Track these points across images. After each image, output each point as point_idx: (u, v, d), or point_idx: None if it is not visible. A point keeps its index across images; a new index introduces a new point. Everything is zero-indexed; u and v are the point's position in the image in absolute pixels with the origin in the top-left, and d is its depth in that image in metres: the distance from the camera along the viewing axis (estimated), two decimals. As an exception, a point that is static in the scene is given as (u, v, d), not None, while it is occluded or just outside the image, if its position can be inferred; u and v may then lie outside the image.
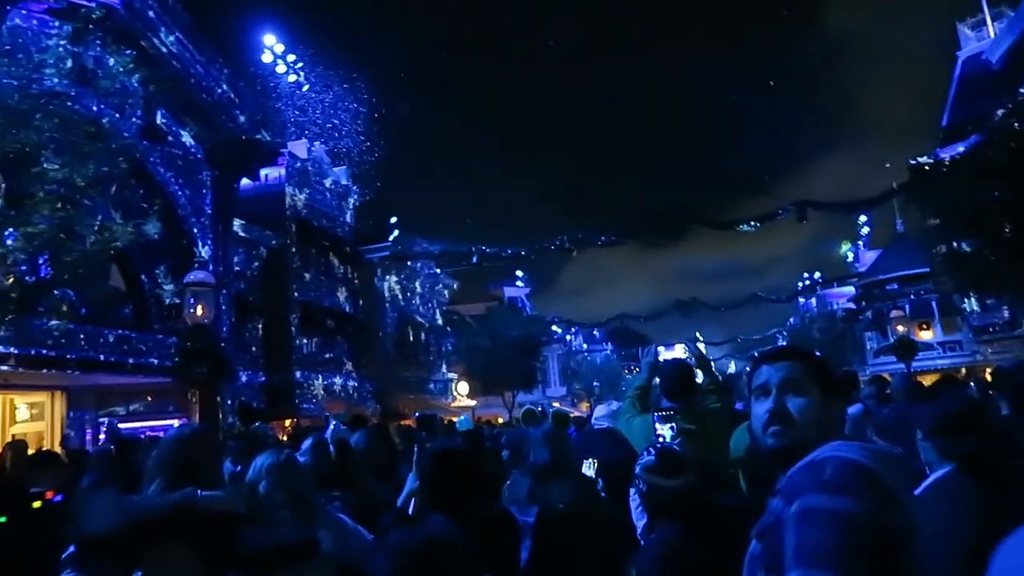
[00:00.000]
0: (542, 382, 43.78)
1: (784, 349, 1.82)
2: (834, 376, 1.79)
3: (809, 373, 1.72)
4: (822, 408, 1.69)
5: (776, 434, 1.68)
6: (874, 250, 43.74)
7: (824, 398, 1.70)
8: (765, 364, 1.77)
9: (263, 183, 23.90)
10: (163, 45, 16.11)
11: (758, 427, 1.73)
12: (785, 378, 1.71)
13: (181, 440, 3.15)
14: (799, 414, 1.67)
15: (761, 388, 1.75)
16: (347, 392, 27.17)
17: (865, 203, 27.50)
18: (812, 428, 1.66)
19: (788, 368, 1.73)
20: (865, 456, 1.53)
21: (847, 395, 2.10)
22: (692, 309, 41.43)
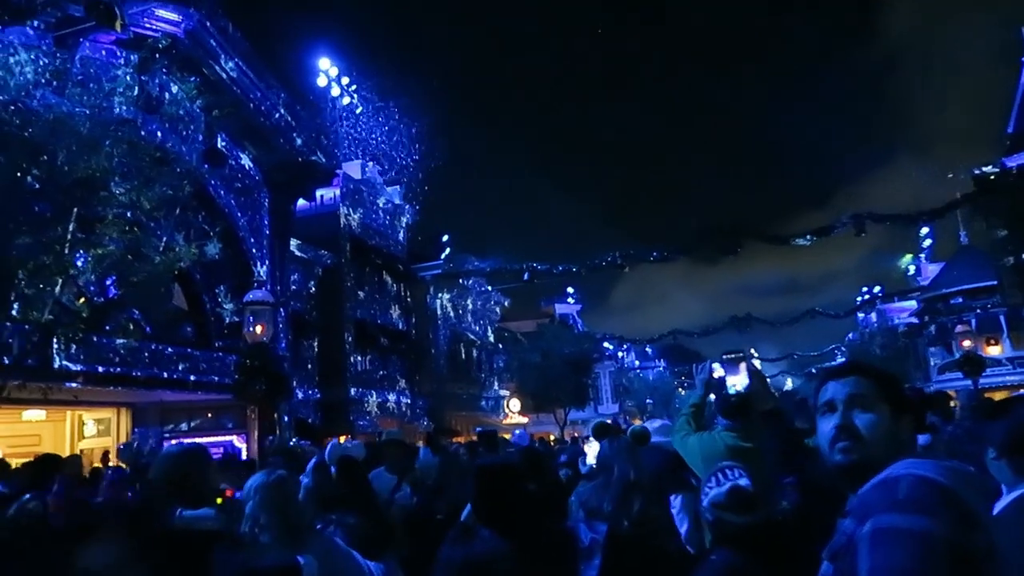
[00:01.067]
0: (594, 399, 43.44)
1: (851, 364, 1.78)
2: (903, 391, 1.75)
3: (877, 389, 1.68)
4: (892, 425, 1.65)
5: (844, 450, 1.64)
6: (937, 263, 42.43)
7: (894, 415, 1.66)
8: (831, 380, 1.74)
9: (318, 203, 24.41)
10: (223, 72, 16.65)
11: (824, 443, 1.70)
12: (852, 393, 1.68)
13: (170, 458, 3.20)
14: (867, 430, 1.63)
15: (827, 404, 1.72)
16: (400, 409, 27.41)
17: (927, 214, 26.68)
18: (882, 445, 1.61)
19: (855, 383, 1.69)
20: (941, 474, 1.48)
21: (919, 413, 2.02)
22: (747, 325, 40.62)
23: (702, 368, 4.77)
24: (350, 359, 24.85)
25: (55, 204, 8.85)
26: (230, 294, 17.51)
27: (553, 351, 32.61)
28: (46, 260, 8.68)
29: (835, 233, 24.87)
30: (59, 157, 8.58)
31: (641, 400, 49.74)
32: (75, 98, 9.17)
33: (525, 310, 43.98)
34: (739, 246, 25.12)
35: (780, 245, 26.70)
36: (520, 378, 34.76)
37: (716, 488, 2.74)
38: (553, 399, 32.96)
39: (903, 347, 41.43)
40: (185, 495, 3.00)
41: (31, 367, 9.76)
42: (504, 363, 36.79)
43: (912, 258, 47.65)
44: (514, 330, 39.88)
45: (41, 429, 16.48)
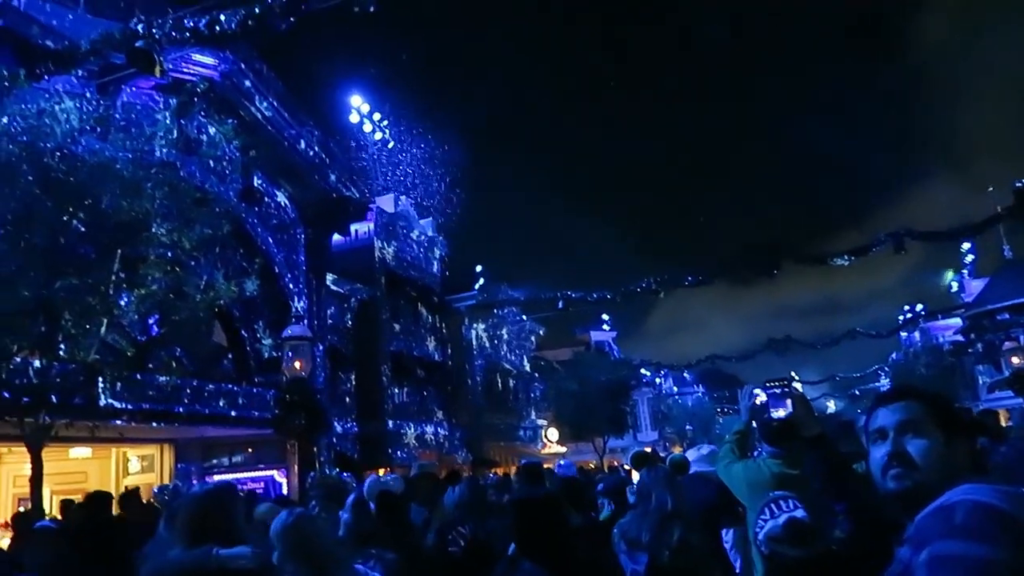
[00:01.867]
0: (633, 427, 42.94)
1: (899, 389, 1.75)
2: (957, 414, 1.70)
3: (928, 413, 1.64)
4: (946, 449, 1.60)
5: (897, 477, 1.61)
6: (980, 278, 41.43)
7: (947, 439, 1.61)
8: (880, 406, 1.70)
9: (353, 238, 24.71)
10: (258, 112, 17.07)
11: (877, 471, 1.66)
12: (902, 420, 1.64)
13: (192, 500, 3.21)
14: (920, 456, 1.59)
15: (878, 431, 1.68)
16: (438, 440, 27.37)
17: (967, 230, 26.13)
18: (936, 470, 1.57)
19: (905, 409, 1.66)
20: (999, 498, 1.43)
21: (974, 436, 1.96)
22: (786, 348, 39.95)
23: (745, 393, 4.64)
24: (387, 392, 24.94)
25: (100, 246, 9.09)
26: (268, 329, 17.76)
27: (590, 379, 32.37)
28: (92, 301, 8.90)
29: (873, 252, 24.46)
30: (103, 201, 8.83)
31: (680, 427, 49.07)
32: (118, 143, 9.46)
33: (560, 338, 43.85)
34: (776, 267, 24.81)
35: (818, 265, 26.34)
36: (557, 407, 34.53)
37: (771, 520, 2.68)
38: (591, 427, 32.64)
39: (950, 366, 40.37)
40: (210, 536, 3.00)
41: (78, 406, 9.97)
42: (541, 392, 36.62)
43: (954, 274, 46.62)
44: (550, 359, 39.73)
45: (87, 466, 16.77)
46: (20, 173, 8.44)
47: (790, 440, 4.16)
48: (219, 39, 10.19)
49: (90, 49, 10.98)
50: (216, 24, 9.79)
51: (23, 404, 8.85)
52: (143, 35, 9.88)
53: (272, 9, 9.56)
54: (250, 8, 9.65)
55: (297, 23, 9.98)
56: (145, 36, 9.87)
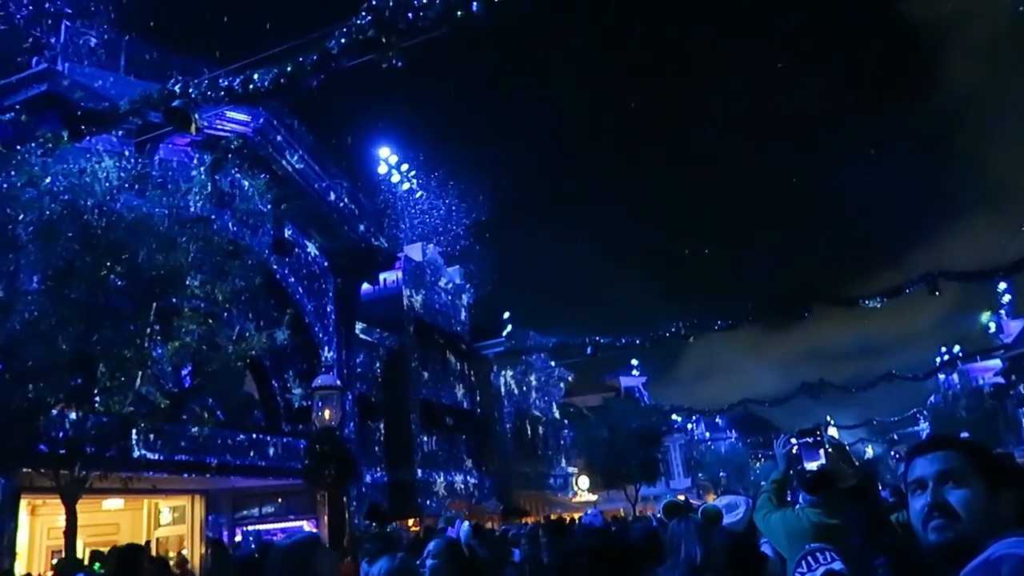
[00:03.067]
0: (665, 474, 42.23)
1: (938, 438, 1.72)
2: (1000, 463, 1.67)
3: (969, 462, 1.61)
4: (989, 500, 1.57)
5: (938, 528, 1.57)
6: (1019, 319, 40.59)
7: (991, 490, 1.58)
8: (919, 456, 1.67)
9: (382, 287, 24.96)
10: (289, 165, 17.47)
11: (917, 523, 1.62)
12: (942, 470, 1.61)
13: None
14: (962, 507, 1.56)
15: (917, 482, 1.65)
16: (468, 489, 27.12)
17: (1003, 269, 25.70)
18: (979, 523, 1.53)
19: (944, 459, 1.63)
20: None
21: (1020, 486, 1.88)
22: (820, 391, 39.27)
23: (781, 442, 4.54)
24: (416, 440, 24.86)
25: (135, 300, 9.29)
26: (298, 379, 17.86)
27: (620, 425, 32.00)
28: (127, 353, 9.05)
29: (907, 293, 24.14)
30: (140, 255, 9.05)
31: (714, 473, 48.13)
32: (154, 199, 9.73)
33: (590, 384, 43.51)
34: (807, 310, 24.55)
35: (850, 307, 26.01)
36: (588, 454, 34.12)
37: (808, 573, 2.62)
38: (623, 475, 32.15)
39: (990, 408, 39.32)
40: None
41: (112, 457, 10.06)
42: (571, 439, 36.24)
43: (992, 315, 45.72)
44: (579, 405, 39.42)
45: (120, 518, 16.84)
46: (61, 230, 8.70)
47: (828, 488, 4.08)
48: (252, 97, 10.49)
49: (129, 109, 11.38)
50: (249, 83, 10.11)
51: (59, 456, 8.96)
52: (180, 94, 10.22)
53: (303, 67, 9.86)
54: (282, 67, 9.96)
55: (327, 79, 10.27)
56: (182, 95, 10.21)
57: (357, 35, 9.39)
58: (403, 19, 9.13)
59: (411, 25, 9.14)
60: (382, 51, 9.40)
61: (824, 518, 3.84)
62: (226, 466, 15.25)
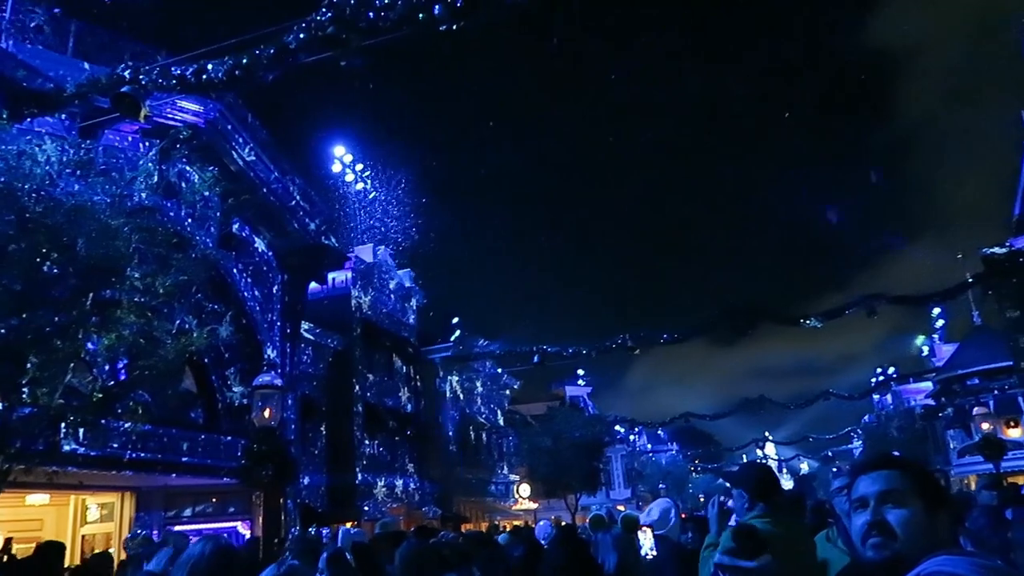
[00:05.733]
0: (606, 484, 42.54)
1: (880, 458, 1.76)
2: (938, 485, 1.71)
3: (909, 483, 1.65)
4: (925, 520, 1.61)
5: (876, 546, 1.62)
6: (951, 343, 42.10)
7: (928, 510, 1.62)
8: (862, 475, 1.71)
9: (330, 287, 24.63)
10: (241, 159, 17.13)
11: (857, 539, 1.67)
12: (883, 490, 1.65)
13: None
14: (900, 526, 1.60)
15: (859, 500, 1.69)
16: (408, 494, 26.89)
17: (938, 295, 26.63)
18: (915, 541, 1.58)
19: (886, 479, 1.67)
20: (974, 571, 1.44)
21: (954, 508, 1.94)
22: (759, 407, 40.12)
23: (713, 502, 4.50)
24: (359, 443, 24.57)
25: (72, 289, 8.97)
26: (240, 377, 17.49)
27: (564, 434, 32.15)
28: (59, 344, 8.74)
29: (847, 314, 24.80)
30: (78, 243, 8.75)
31: (654, 485, 48.75)
32: (97, 186, 9.42)
33: (535, 392, 43.68)
34: (751, 327, 25.03)
35: (791, 326, 26.61)
36: (530, 462, 34.17)
37: None
38: (564, 484, 32.31)
39: (921, 429, 40.66)
40: None
41: (38, 451, 9.69)
42: (514, 447, 36.26)
43: (925, 339, 47.35)
44: (524, 413, 39.47)
45: (44, 514, 16.22)
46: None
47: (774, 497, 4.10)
48: (205, 87, 10.25)
49: (75, 92, 11.02)
50: (203, 73, 9.87)
51: (-19, 449, 8.59)
52: (129, 80, 9.93)
53: (259, 60, 9.68)
54: (238, 58, 9.76)
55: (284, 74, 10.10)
56: (131, 81, 9.91)
57: (316, 31, 9.25)
58: (364, 18, 9.03)
59: (372, 24, 9.05)
60: (341, 49, 9.30)
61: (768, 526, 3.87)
62: (159, 463, 14.83)
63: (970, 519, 5.80)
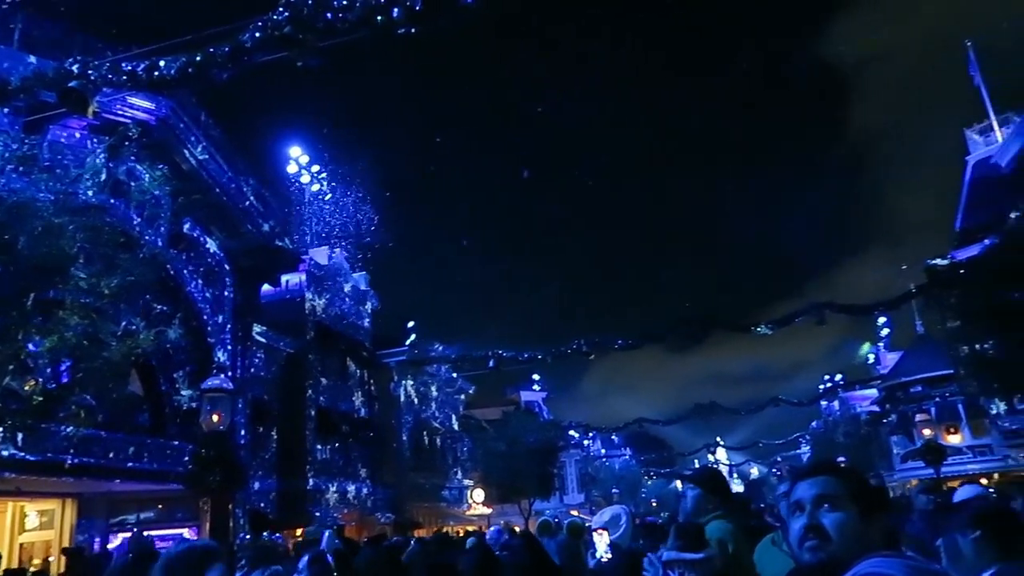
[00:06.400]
0: (559, 489, 42.69)
1: (818, 464, 1.81)
2: (873, 490, 1.77)
3: (844, 488, 1.70)
4: (860, 524, 1.66)
5: (812, 549, 1.66)
6: (895, 351, 43.25)
7: (863, 514, 1.67)
8: (800, 480, 1.76)
9: (284, 289, 24.29)
10: (193, 158, 16.81)
11: (795, 542, 1.71)
12: (819, 494, 1.70)
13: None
14: (835, 529, 1.65)
15: (796, 504, 1.73)
16: (360, 500, 26.62)
17: (883, 305, 27.43)
18: (850, 544, 1.62)
19: (822, 484, 1.71)
20: (906, 571, 1.49)
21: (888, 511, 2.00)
22: (711, 413, 40.73)
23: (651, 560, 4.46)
24: (311, 447, 24.24)
25: (12, 288, 8.70)
26: (189, 380, 17.14)
27: (518, 439, 32.15)
28: (-2, 345, 8.48)
29: (796, 323, 25.36)
30: (20, 241, 8.49)
31: (607, 489, 49.03)
32: (41, 183, 9.16)
33: (491, 397, 43.56)
34: (705, 334, 25.44)
35: (743, 333, 27.09)
36: (484, 467, 34.08)
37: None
38: (518, 489, 32.30)
39: (866, 435, 41.65)
40: None
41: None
42: (468, 452, 36.14)
43: (871, 347, 48.60)
44: (479, 418, 39.37)
45: (-22, 522, 15.69)
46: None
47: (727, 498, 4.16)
48: (157, 84, 10.04)
49: (20, 86, 10.68)
50: (155, 69, 9.67)
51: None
52: (77, 75, 9.67)
53: (213, 58, 9.52)
54: (191, 56, 9.58)
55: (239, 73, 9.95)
56: (80, 76, 9.66)
57: (272, 31, 9.14)
58: (321, 19, 8.96)
59: (329, 25, 8.98)
60: (297, 49, 9.19)
61: None
62: (104, 469, 14.46)
63: (908, 523, 5.98)
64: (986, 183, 32.10)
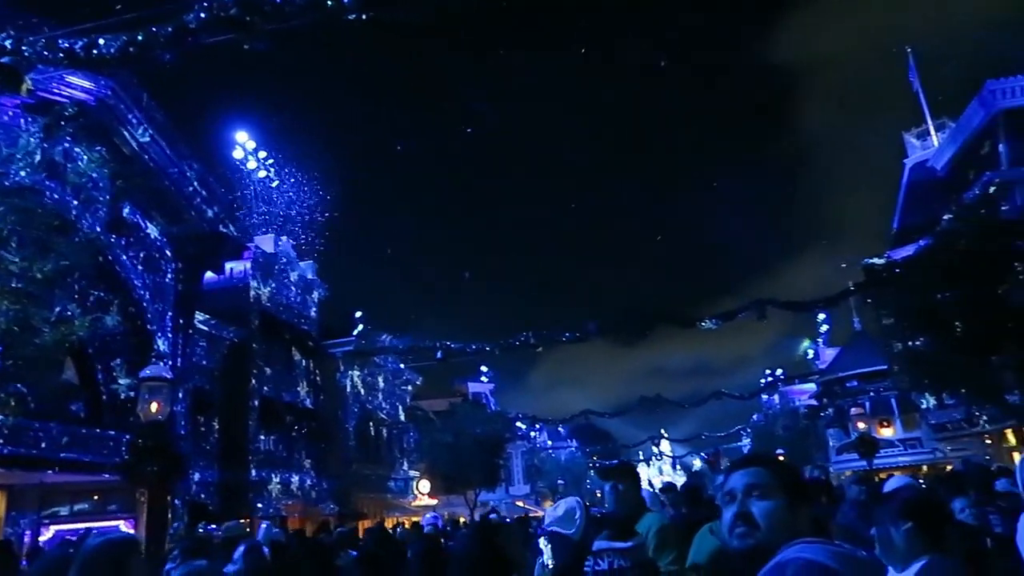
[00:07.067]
0: (505, 480, 42.90)
1: (750, 456, 1.89)
2: (801, 481, 1.83)
3: (773, 478, 1.76)
4: (787, 513, 1.72)
5: (740, 535, 1.73)
6: (834, 348, 44.47)
7: (791, 503, 1.73)
8: (733, 471, 1.82)
9: (228, 276, 23.80)
10: (134, 141, 16.30)
11: (726, 530, 1.77)
12: (749, 483, 1.77)
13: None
14: (762, 517, 1.71)
15: (728, 494, 1.80)
16: (304, 491, 26.32)
17: (822, 302, 28.18)
18: (777, 532, 1.68)
19: (753, 474, 1.79)
20: (829, 557, 1.54)
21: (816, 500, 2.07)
22: (656, 406, 41.35)
23: None
24: (254, 438, 23.86)
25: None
26: (126, 369, 16.68)
27: (465, 431, 32.19)
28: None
29: (739, 318, 25.87)
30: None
31: (552, 481, 49.45)
32: (-31, 162, 8.80)
33: (438, 389, 43.49)
34: (650, 328, 25.78)
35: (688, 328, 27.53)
36: (431, 458, 34.06)
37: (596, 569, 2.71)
38: (464, 480, 32.36)
39: (804, 428, 42.82)
40: None
41: None
42: (415, 443, 36.04)
43: (811, 343, 49.94)
44: (426, 409, 39.27)
45: (-99, 515, 15.04)
46: None
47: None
48: (96, 63, 9.71)
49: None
50: (94, 47, 9.35)
51: None
52: (11, 51, 9.31)
53: (156, 38, 9.25)
54: (132, 35, 9.29)
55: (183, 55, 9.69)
56: (13, 52, 9.29)
57: (219, 12, 8.92)
58: (269, 1, 8.78)
59: (277, 9, 8.80)
60: (244, 32, 8.99)
61: None
62: (34, 459, 13.98)
63: (840, 513, 6.18)
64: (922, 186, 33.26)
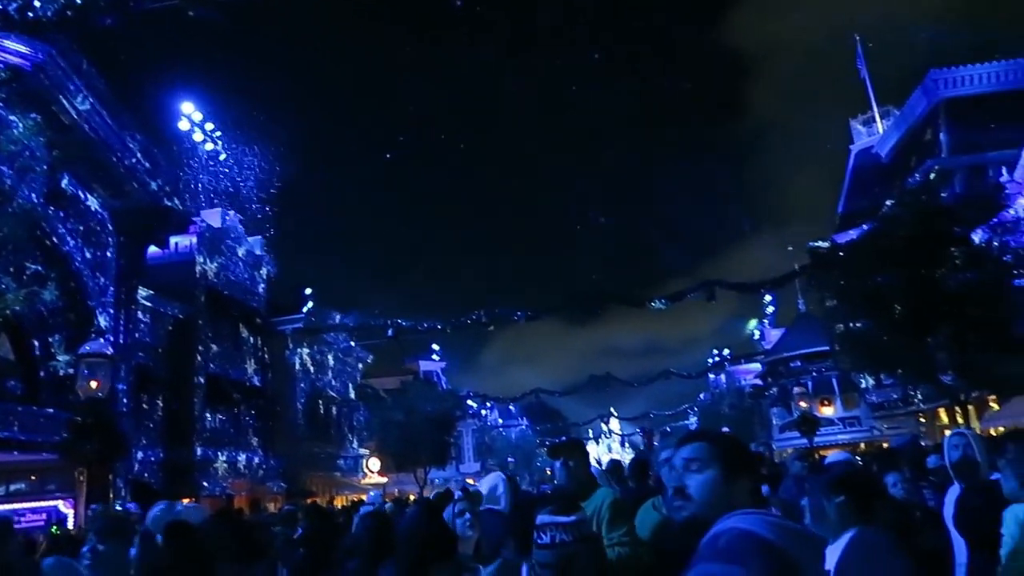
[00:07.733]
0: (456, 458, 43.06)
1: (693, 432, 1.95)
2: (741, 454, 1.87)
3: (712, 452, 1.80)
4: (723, 485, 1.75)
5: (676, 508, 1.80)
6: (779, 328, 45.52)
7: (727, 476, 1.77)
8: (680, 447, 1.86)
9: (173, 251, 23.24)
10: (73, 109, 15.71)
11: (668, 504, 1.81)
12: (687, 458, 1.81)
13: None
14: (695, 489, 1.76)
15: (673, 469, 1.84)
16: (252, 469, 26.04)
17: (768, 283, 28.85)
18: (711, 503, 1.73)
19: (692, 449, 1.83)
20: (763, 527, 1.58)
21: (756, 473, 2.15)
22: (606, 384, 41.91)
23: None
24: (199, 416, 23.47)
25: None
26: (65, 344, 16.20)
27: (416, 409, 32.14)
28: None
29: (688, 298, 26.34)
30: None
31: (503, 459, 49.80)
32: None
33: (389, 367, 43.34)
34: (601, 307, 26.09)
35: (638, 308, 27.93)
36: (381, 436, 33.94)
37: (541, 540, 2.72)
38: (414, 458, 32.37)
39: (749, 407, 43.88)
40: None
41: None
42: (365, 421, 35.89)
43: (757, 323, 51.10)
44: (377, 387, 39.10)
45: None
46: None
47: None
48: (31, 26, 9.34)
49: None
50: (28, 9, 8.98)
51: None
52: (-63, 10, 8.86)
53: (95, 2, 8.90)
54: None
55: (126, 20, 9.36)
56: (-60, 12, 8.85)
57: (161, -24, 8.62)
58: (215, -33, 8.51)
59: (224, -25, 8.54)
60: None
61: None
62: (-33, 438, 13.55)
63: (782, 488, 6.35)
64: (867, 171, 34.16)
